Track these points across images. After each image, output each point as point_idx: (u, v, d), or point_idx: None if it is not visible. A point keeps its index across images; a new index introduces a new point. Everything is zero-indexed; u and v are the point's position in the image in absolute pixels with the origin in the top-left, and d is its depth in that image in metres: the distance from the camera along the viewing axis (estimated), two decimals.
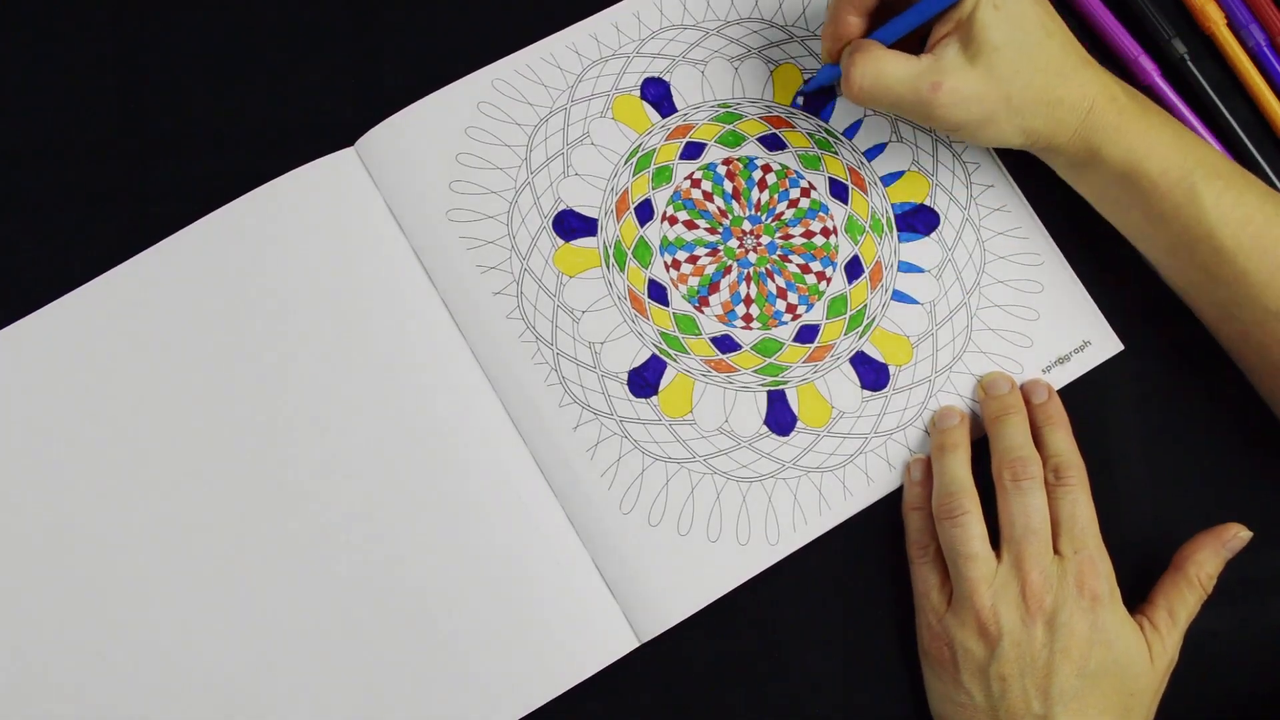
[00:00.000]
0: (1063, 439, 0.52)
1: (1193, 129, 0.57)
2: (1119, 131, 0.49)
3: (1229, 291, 0.49)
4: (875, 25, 0.51)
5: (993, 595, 0.48)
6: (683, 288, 0.55)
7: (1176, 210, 0.49)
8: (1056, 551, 0.50)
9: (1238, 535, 0.52)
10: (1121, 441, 0.55)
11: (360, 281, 0.54)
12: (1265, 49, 0.58)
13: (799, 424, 0.54)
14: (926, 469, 0.53)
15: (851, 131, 0.57)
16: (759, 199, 0.56)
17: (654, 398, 0.54)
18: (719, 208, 0.56)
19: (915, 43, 0.50)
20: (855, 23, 0.50)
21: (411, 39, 0.58)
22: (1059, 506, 0.50)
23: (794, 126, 0.56)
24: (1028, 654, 0.48)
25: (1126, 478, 0.55)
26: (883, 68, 0.48)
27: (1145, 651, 0.49)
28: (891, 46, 0.50)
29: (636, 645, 0.52)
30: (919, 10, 0.49)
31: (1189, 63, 0.58)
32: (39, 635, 0.51)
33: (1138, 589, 0.52)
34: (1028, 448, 0.51)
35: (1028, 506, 0.50)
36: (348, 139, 0.56)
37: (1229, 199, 0.48)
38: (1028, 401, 0.53)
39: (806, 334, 0.55)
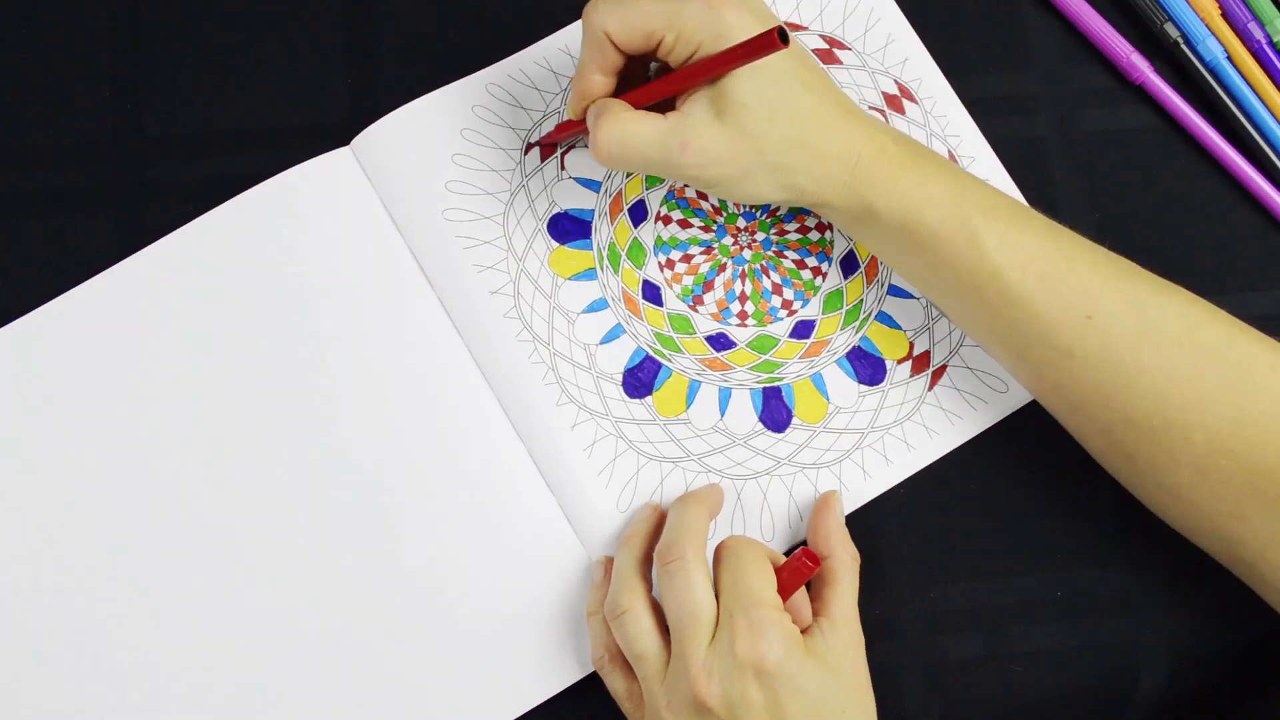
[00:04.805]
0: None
1: (1190, 121, 0.57)
2: (892, 182, 0.47)
3: (1020, 333, 0.48)
4: (625, 86, 0.49)
5: (666, 696, 0.46)
6: (677, 287, 0.55)
7: (960, 256, 0.47)
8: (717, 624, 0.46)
9: (836, 496, 0.52)
10: None
11: (357, 279, 0.54)
12: (1266, 49, 0.57)
13: (795, 420, 0.54)
14: (607, 571, 0.52)
15: None
16: None
17: (649, 398, 0.54)
18: (713, 205, 0.56)
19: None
20: (601, 81, 0.48)
21: (407, 39, 0.58)
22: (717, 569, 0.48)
23: None
24: None
25: None
26: (628, 130, 0.46)
27: (839, 670, 0.47)
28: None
29: None
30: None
31: (1184, 46, 0.57)
32: (40, 633, 0.52)
33: (1140, 587, 0.53)
34: (674, 532, 0.49)
35: (677, 591, 0.47)
36: (343, 138, 0.56)
37: (1012, 238, 0.47)
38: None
39: (802, 329, 0.55)
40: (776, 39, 0.42)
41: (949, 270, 0.48)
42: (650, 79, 0.50)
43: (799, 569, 0.47)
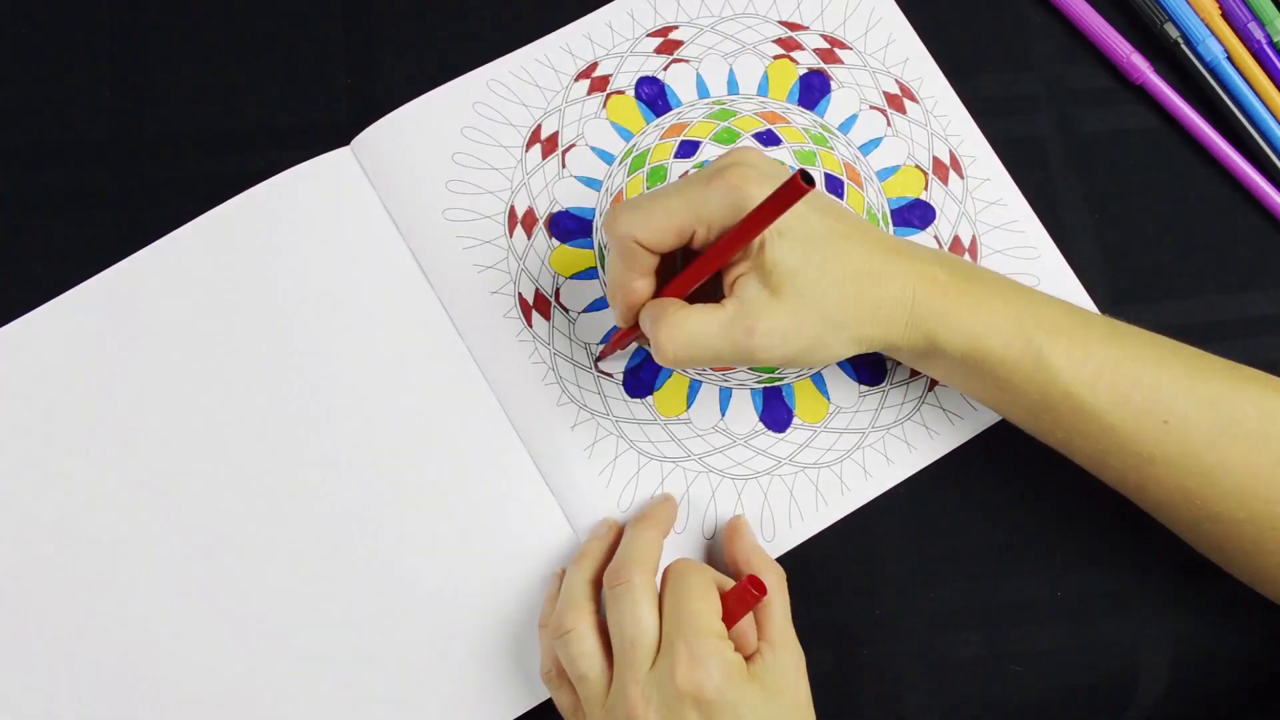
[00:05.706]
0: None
1: (1190, 121, 0.57)
2: (950, 315, 0.47)
3: (1099, 445, 0.48)
4: (662, 280, 0.47)
5: None
6: None
7: (1029, 378, 0.47)
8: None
9: (743, 519, 0.52)
10: None
11: (357, 279, 0.54)
12: (1266, 49, 0.57)
13: (795, 420, 0.54)
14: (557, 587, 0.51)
15: (847, 126, 0.57)
16: None
17: (649, 398, 0.54)
18: None
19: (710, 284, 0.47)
20: (643, 285, 0.47)
21: (407, 39, 0.58)
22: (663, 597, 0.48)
23: (789, 122, 0.56)
24: None
25: None
26: (691, 329, 0.45)
27: (782, 693, 0.46)
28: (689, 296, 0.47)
29: None
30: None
31: (1184, 46, 0.57)
32: (39, 634, 0.52)
33: (1140, 587, 0.53)
34: (624, 555, 0.48)
35: (620, 615, 0.46)
36: (343, 138, 0.56)
37: (1078, 354, 0.46)
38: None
39: None
40: (801, 183, 0.41)
41: (1019, 392, 0.47)
42: (679, 262, 0.49)
43: (743, 596, 0.47)
